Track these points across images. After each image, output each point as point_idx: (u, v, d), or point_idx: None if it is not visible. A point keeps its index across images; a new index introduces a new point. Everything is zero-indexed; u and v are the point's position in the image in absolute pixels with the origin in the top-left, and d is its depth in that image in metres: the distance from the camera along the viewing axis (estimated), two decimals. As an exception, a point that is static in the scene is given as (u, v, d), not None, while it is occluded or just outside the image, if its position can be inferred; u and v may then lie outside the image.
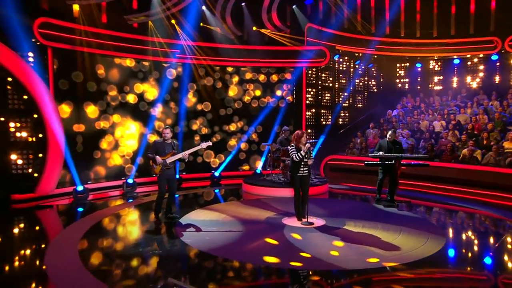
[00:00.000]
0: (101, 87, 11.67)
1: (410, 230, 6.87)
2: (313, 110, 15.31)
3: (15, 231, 7.75)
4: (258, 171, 12.82)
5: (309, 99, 15.10)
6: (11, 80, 9.40)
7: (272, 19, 13.99)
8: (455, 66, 15.89)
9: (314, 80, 15.27)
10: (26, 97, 9.59)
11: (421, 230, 6.86)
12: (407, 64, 16.88)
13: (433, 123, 13.37)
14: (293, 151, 7.13)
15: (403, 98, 16.13)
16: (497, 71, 15.06)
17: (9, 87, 9.58)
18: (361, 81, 16.90)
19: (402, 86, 17.19)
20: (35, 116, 9.68)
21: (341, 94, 16.23)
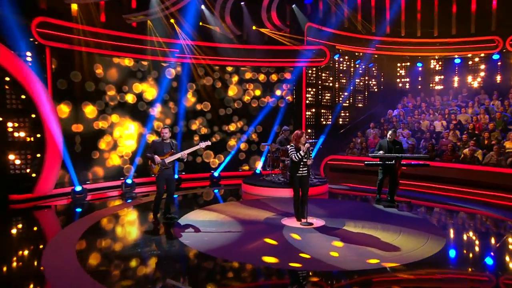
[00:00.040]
0: (100, 86, 11.62)
1: (410, 230, 6.81)
2: (313, 110, 15.25)
3: (13, 231, 7.68)
4: (257, 171, 12.77)
5: (309, 98, 15.04)
6: (8, 79, 9.35)
7: (271, 19, 13.92)
8: (456, 65, 15.81)
9: (314, 79, 15.21)
10: (24, 97, 9.54)
11: (421, 230, 6.80)
12: (408, 63, 16.81)
13: (434, 123, 13.31)
14: (292, 151, 7.08)
15: (403, 97, 16.06)
16: (498, 70, 14.99)
17: (7, 86, 9.54)
18: (361, 81, 16.82)
19: (402, 85, 17.10)
20: (33, 116, 9.63)
21: (341, 93, 16.15)
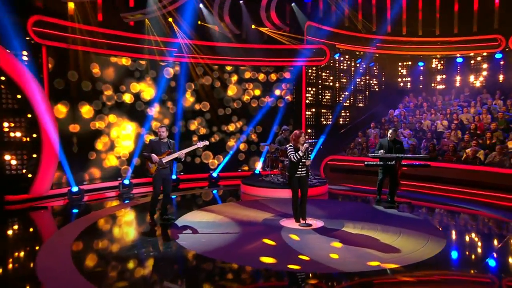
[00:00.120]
0: (96, 86, 11.51)
1: (410, 231, 6.70)
2: (313, 109, 15.12)
3: (9, 232, 7.58)
4: (257, 171, 12.65)
5: (309, 98, 14.92)
6: (4, 79, 9.24)
7: (271, 17, 13.80)
8: (458, 64, 15.67)
9: (314, 79, 15.08)
10: (20, 97, 9.43)
11: (421, 231, 6.68)
12: (409, 62, 16.67)
13: (435, 123, 13.17)
14: (291, 151, 6.96)
15: (405, 97, 15.94)
16: (501, 69, 14.84)
17: (2, 86, 9.44)
18: (362, 80, 16.66)
19: (404, 85, 16.96)
20: (29, 116, 9.52)
21: (341, 93, 16.00)
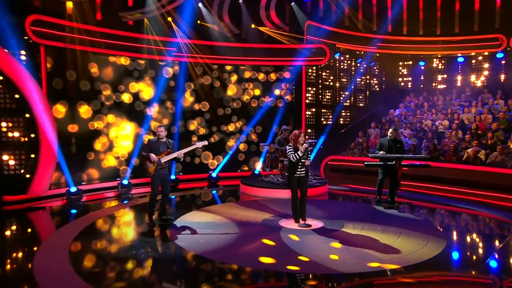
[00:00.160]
0: (95, 86, 11.45)
1: (410, 232, 6.64)
2: (313, 109, 15.05)
3: (7, 233, 7.52)
4: (256, 171, 12.59)
5: (309, 98, 14.85)
6: (2, 78, 9.18)
7: (270, 17, 13.74)
8: (459, 64, 15.59)
9: (314, 78, 15.01)
10: (17, 96, 9.37)
11: (421, 232, 6.62)
12: (410, 62, 16.59)
13: (436, 123, 13.10)
14: (290, 151, 6.91)
15: (405, 97, 15.88)
16: (502, 69, 14.76)
17: (0, 86, 9.38)
18: (362, 80, 16.59)
19: (404, 85, 16.89)
20: (27, 115, 9.47)
21: (342, 93, 15.93)
